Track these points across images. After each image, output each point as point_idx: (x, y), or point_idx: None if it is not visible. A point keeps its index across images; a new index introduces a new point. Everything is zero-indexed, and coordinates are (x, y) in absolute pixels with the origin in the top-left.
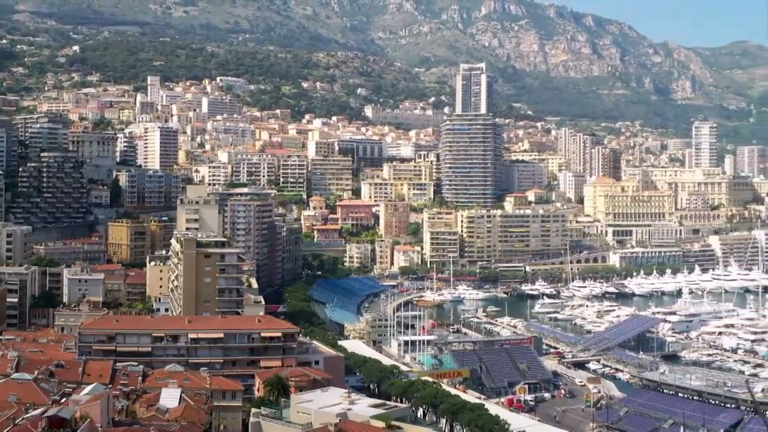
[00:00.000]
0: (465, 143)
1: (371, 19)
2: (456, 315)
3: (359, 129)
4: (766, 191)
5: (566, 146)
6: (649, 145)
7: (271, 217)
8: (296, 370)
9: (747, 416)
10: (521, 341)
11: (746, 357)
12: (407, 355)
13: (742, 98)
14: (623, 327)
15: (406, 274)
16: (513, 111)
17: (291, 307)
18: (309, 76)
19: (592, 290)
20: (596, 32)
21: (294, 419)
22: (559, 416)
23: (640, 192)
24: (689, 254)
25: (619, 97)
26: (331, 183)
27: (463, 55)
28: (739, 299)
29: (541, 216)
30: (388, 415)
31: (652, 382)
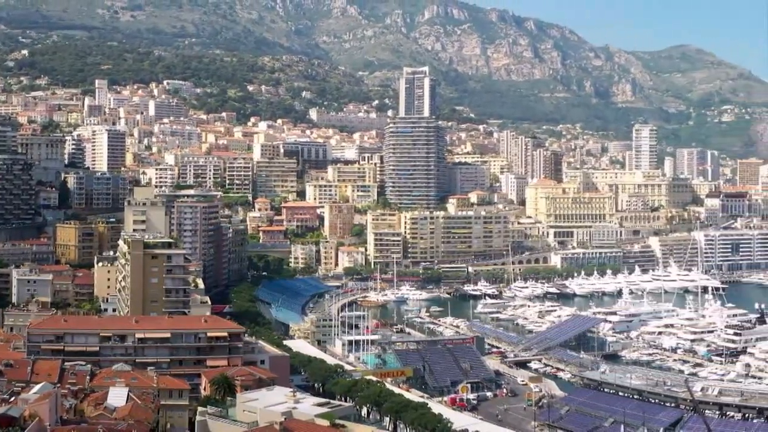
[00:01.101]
0: (408, 146)
1: (316, 24)
2: (399, 315)
3: (304, 132)
4: (705, 193)
5: (508, 149)
6: (590, 147)
7: (217, 218)
8: (242, 369)
9: (686, 415)
10: (464, 341)
11: (685, 356)
12: (351, 354)
13: (682, 101)
14: (564, 327)
15: (351, 275)
16: (456, 114)
17: (237, 308)
18: (254, 80)
19: (533, 291)
20: (538, 36)
21: (240, 418)
22: (502, 415)
23: (580, 194)
24: (629, 255)
25: (561, 100)
26: (277, 185)
27: (407, 59)
28: (678, 299)
29: (484, 217)
30: (333, 414)
31: (593, 381)
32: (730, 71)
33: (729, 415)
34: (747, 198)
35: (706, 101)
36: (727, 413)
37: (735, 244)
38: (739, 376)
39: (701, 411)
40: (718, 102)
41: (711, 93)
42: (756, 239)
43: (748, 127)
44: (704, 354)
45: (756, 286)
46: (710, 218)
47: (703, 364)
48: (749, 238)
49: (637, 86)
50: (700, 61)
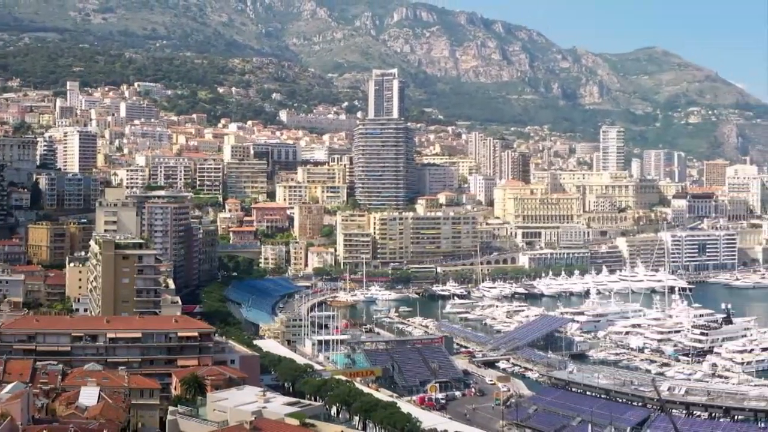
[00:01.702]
0: (377, 147)
1: (286, 26)
2: (369, 315)
3: (274, 133)
4: (671, 194)
5: (476, 150)
6: (558, 149)
7: (188, 219)
8: (212, 369)
9: (653, 414)
10: (432, 341)
11: (652, 356)
12: (321, 354)
13: (649, 103)
14: (532, 327)
15: (320, 275)
16: (424, 115)
17: (207, 308)
18: (225, 82)
19: (501, 291)
20: (506, 38)
21: (210, 417)
22: (470, 414)
23: (548, 195)
24: (597, 255)
25: (528, 102)
26: (247, 186)
27: (376, 61)
28: (645, 300)
29: (452, 218)
30: (303, 413)
31: (561, 380)
32: (697, 73)
33: (696, 414)
34: (713, 199)
35: (672, 103)
36: (694, 412)
37: (701, 244)
38: (706, 375)
39: (668, 410)
40: (685, 104)
41: (678, 95)
42: (722, 240)
43: (715, 128)
44: (671, 354)
45: (722, 286)
46: (677, 219)
47: (670, 363)
48: (716, 238)
49: (605, 88)
50: (667, 63)
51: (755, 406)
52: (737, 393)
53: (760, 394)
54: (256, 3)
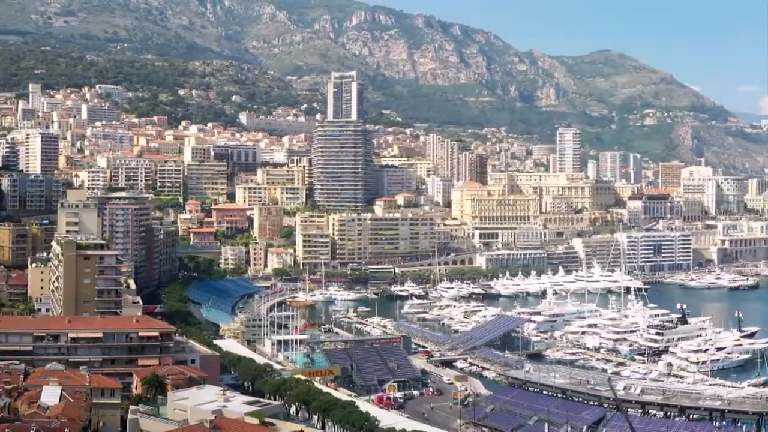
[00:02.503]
0: (336, 149)
1: (245, 29)
2: (328, 315)
3: (234, 135)
4: (627, 195)
5: (434, 152)
6: (515, 150)
7: (149, 220)
8: (173, 368)
9: (609, 413)
10: (391, 340)
11: (608, 356)
12: (280, 353)
13: (605, 105)
14: (489, 327)
15: (280, 276)
16: (383, 118)
17: (168, 308)
18: (185, 84)
19: (459, 291)
20: (463, 41)
21: (171, 416)
22: (428, 413)
23: (505, 196)
24: (553, 256)
25: (486, 104)
26: (207, 187)
27: (335, 64)
28: (601, 300)
29: (410, 219)
30: (262, 412)
31: (518, 380)
32: (652, 76)
33: (651, 413)
34: (669, 200)
35: (628, 105)
36: (650, 411)
37: (657, 245)
38: (661, 375)
39: (624, 409)
40: (641, 106)
41: (633, 97)
42: (678, 240)
43: (670, 130)
44: (627, 353)
45: (677, 286)
46: (633, 220)
47: (625, 363)
48: (671, 239)
49: (561, 90)
50: (623, 66)
51: (710, 405)
52: (692, 392)
53: (715, 393)
54: (216, 6)
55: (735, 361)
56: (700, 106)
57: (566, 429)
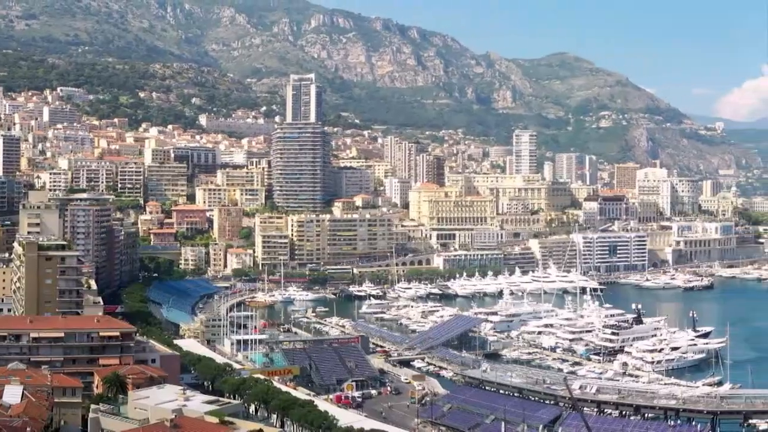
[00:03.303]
0: (295, 150)
1: (205, 32)
2: (287, 315)
3: (194, 137)
4: (583, 196)
5: (392, 153)
6: (472, 152)
7: (110, 221)
8: (134, 367)
9: (565, 412)
10: (349, 340)
11: (564, 355)
12: (240, 353)
13: (561, 108)
14: (447, 326)
15: (239, 276)
16: (341, 120)
17: (129, 308)
18: (145, 87)
19: (416, 291)
20: (421, 44)
21: (131, 415)
22: (386, 412)
23: (462, 197)
24: (510, 257)
25: (443, 106)
26: (167, 189)
27: (294, 67)
28: (557, 300)
29: (368, 220)
30: (222, 411)
31: (475, 379)
32: (608, 78)
33: (607, 412)
34: (624, 201)
35: (584, 107)
36: (605, 411)
37: (612, 246)
38: (617, 374)
39: (580, 408)
40: (596, 108)
41: (589, 99)
42: (633, 241)
43: (625, 132)
44: (582, 353)
45: (633, 286)
46: (588, 221)
47: (581, 362)
48: (626, 240)
49: (518, 93)
50: (579, 68)
51: (665, 405)
52: (647, 391)
53: (670, 392)
54: (177, 9)
55: (689, 361)
56: (655, 109)
57: (522, 428)
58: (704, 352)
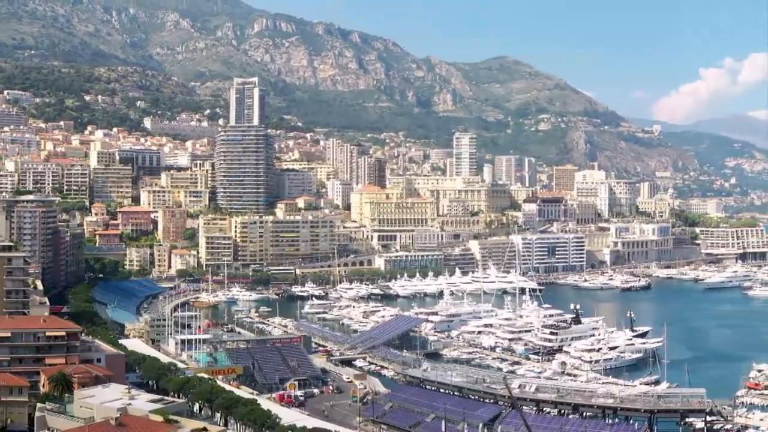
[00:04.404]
0: (239, 153)
1: (150, 36)
2: (230, 315)
3: (139, 140)
4: (522, 198)
5: (334, 156)
6: (413, 154)
7: (56, 222)
8: (79, 367)
9: (505, 411)
10: (292, 340)
11: (504, 355)
12: (184, 353)
13: (500, 111)
14: (388, 326)
15: (183, 277)
16: (284, 123)
17: (74, 308)
18: (91, 90)
19: (358, 292)
20: (362, 48)
21: (77, 413)
22: (328, 411)
23: (403, 199)
24: (450, 258)
25: (384, 109)
26: (113, 191)
27: (237, 70)
28: (497, 300)
29: (311, 222)
30: (166, 410)
31: (415, 378)
32: (547, 81)
33: (545, 411)
34: (563, 203)
35: (523, 110)
36: (544, 409)
37: (551, 247)
38: (555, 373)
39: (519, 407)
40: (535, 111)
41: (528, 102)
42: (571, 242)
43: (564, 135)
44: (522, 352)
45: (571, 287)
46: (527, 222)
47: (520, 362)
48: (565, 241)
49: (458, 96)
50: (518, 72)
51: (602, 403)
52: (585, 390)
53: (608, 391)
54: (122, 14)
55: (627, 360)
56: (593, 112)
57: (463, 426)
58: (641, 351)
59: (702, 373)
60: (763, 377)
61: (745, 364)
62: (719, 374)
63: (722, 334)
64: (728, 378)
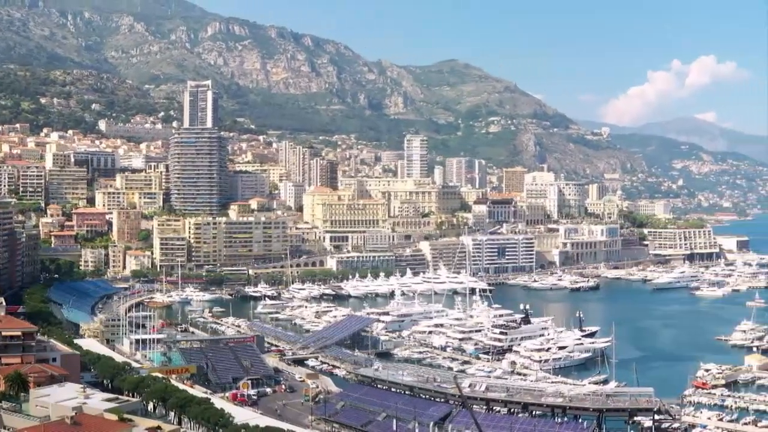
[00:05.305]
0: (192, 155)
1: (105, 40)
2: (184, 315)
3: (93, 142)
4: (473, 200)
5: (287, 158)
6: (364, 156)
7: (11, 224)
8: (35, 366)
9: (455, 409)
10: (244, 340)
11: (454, 354)
12: (138, 352)
13: (451, 113)
14: (340, 326)
15: (138, 277)
16: (237, 125)
17: (30, 308)
18: (47, 93)
19: (310, 292)
20: (314, 51)
21: (33, 412)
22: (280, 410)
23: (355, 200)
24: (401, 258)
25: (336, 112)
26: (68, 192)
27: (191, 73)
28: (447, 300)
29: (264, 223)
30: (121, 409)
31: (367, 377)
32: (497, 84)
33: (495, 409)
34: (512, 204)
35: (473, 113)
36: (494, 408)
37: (501, 248)
38: (505, 372)
39: (469, 406)
40: (485, 114)
41: (479, 105)
42: (521, 243)
43: (514, 137)
44: (472, 352)
45: (521, 287)
46: (478, 224)
47: (471, 361)
48: (514, 242)
49: (409, 99)
50: (469, 75)
51: (552, 402)
52: (535, 389)
53: (557, 390)
54: (77, 18)
55: (576, 360)
56: (542, 114)
57: (414, 425)
58: (590, 351)
59: (650, 372)
60: (710, 377)
61: (692, 363)
62: (667, 374)
63: (670, 334)
64: (676, 377)
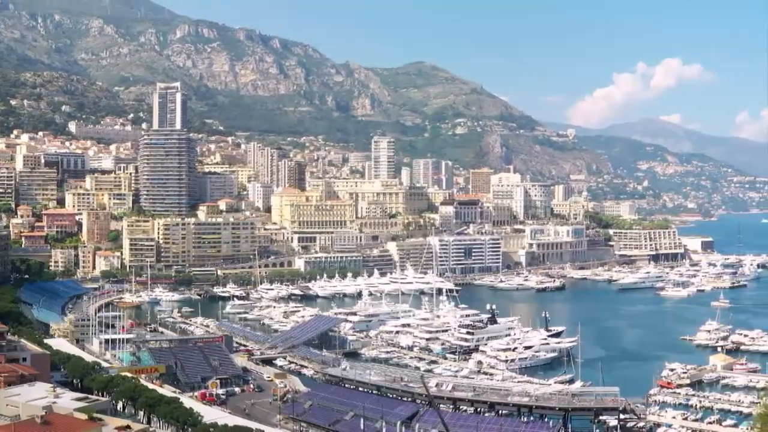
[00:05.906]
0: (161, 156)
1: (75, 42)
2: (153, 315)
3: (64, 143)
4: (439, 201)
5: (255, 159)
6: (332, 158)
7: None
8: (5, 366)
9: (422, 409)
10: (213, 339)
11: (421, 354)
12: (108, 352)
13: (418, 115)
14: (308, 326)
15: (107, 278)
16: (206, 127)
17: (0, 308)
18: (17, 95)
19: (279, 292)
20: (283, 54)
21: (3, 411)
22: (249, 409)
23: (323, 201)
24: (369, 259)
25: (304, 114)
26: (38, 193)
27: (160, 75)
28: (414, 301)
29: (232, 224)
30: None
31: (335, 377)
32: (463, 86)
33: (462, 409)
34: (479, 205)
35: (440, 115)
36: (461, 407)
37: (468, 248)
38: (472, 372)
39: (436, 405)
40: (452, 115)
41: (445, 107)
42: (487, 244)
43: (480, 139)
44: (439, 352)
45: (487, 288)
46: (444, 224)
47: (437, 361)
48: (481, 243)
49: (376, 101)
50: (435, 77)
51: (518, 401)
52: (501, 389)
53: (523, 390)
54: (47, 20)
55: (542, 360)
56: (508, 116)
57: (381, 424)
58: (556, 351)
59: (615, 372)
60: (675, 376)
61: (657, 363)
62: (632, 373)
63: (635, 333)
64: (641, 377)
